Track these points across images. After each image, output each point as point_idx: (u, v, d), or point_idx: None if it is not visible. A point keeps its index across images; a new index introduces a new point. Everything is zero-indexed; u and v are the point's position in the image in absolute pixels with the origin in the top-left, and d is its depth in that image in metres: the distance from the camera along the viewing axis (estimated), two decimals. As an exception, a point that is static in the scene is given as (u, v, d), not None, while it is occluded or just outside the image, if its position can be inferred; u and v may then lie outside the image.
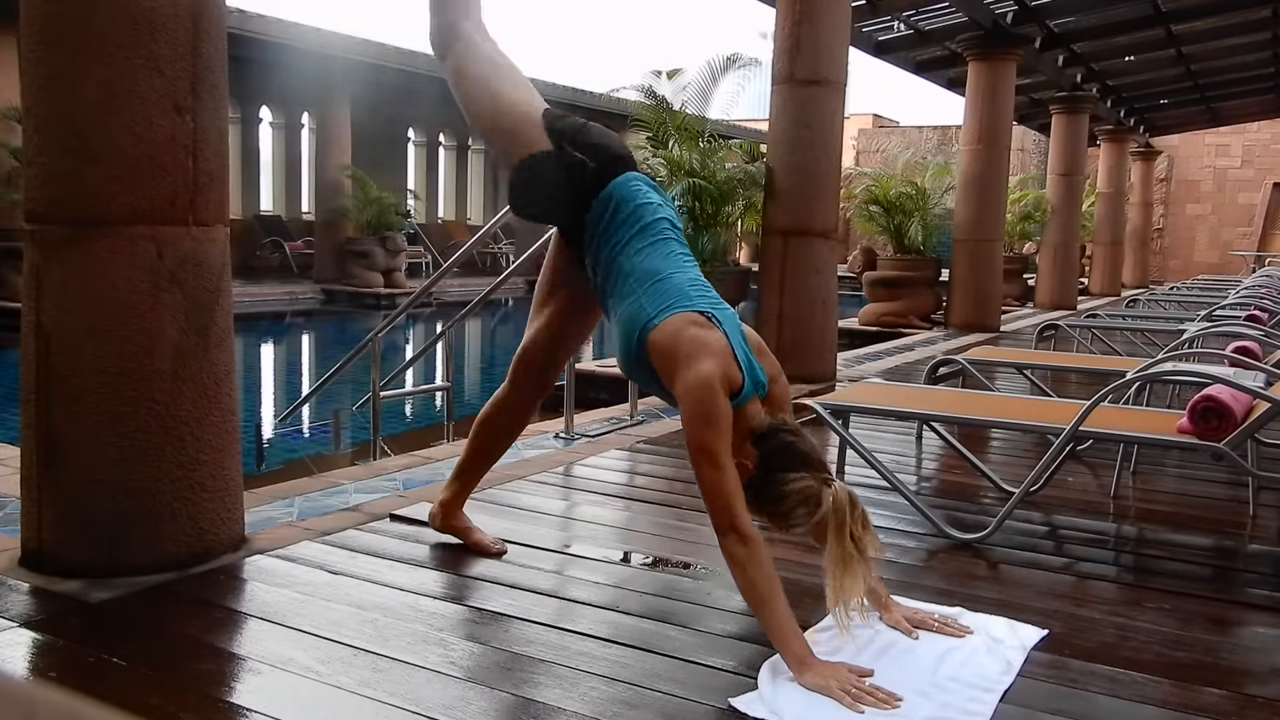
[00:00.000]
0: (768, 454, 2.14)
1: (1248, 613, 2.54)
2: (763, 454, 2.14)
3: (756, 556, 2.08)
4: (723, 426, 2.12)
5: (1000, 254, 10.48)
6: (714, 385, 2.11)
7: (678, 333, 2.20)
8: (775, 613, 2.07)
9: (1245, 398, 2.99)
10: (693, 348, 2.17)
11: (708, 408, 2.11)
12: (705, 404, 2.12)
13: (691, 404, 2.13)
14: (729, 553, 2.11)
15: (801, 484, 2.09)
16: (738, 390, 2.17)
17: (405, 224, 16.26)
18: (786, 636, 2.04)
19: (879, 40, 10.56)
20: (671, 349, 2.20)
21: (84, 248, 2.41)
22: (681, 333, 2.20)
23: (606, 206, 2.39)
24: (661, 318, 2.23)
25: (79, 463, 2.45)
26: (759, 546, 2.10)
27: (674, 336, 2.20)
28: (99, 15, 2.35)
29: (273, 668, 2.01)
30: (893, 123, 26.60)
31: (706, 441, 2.11)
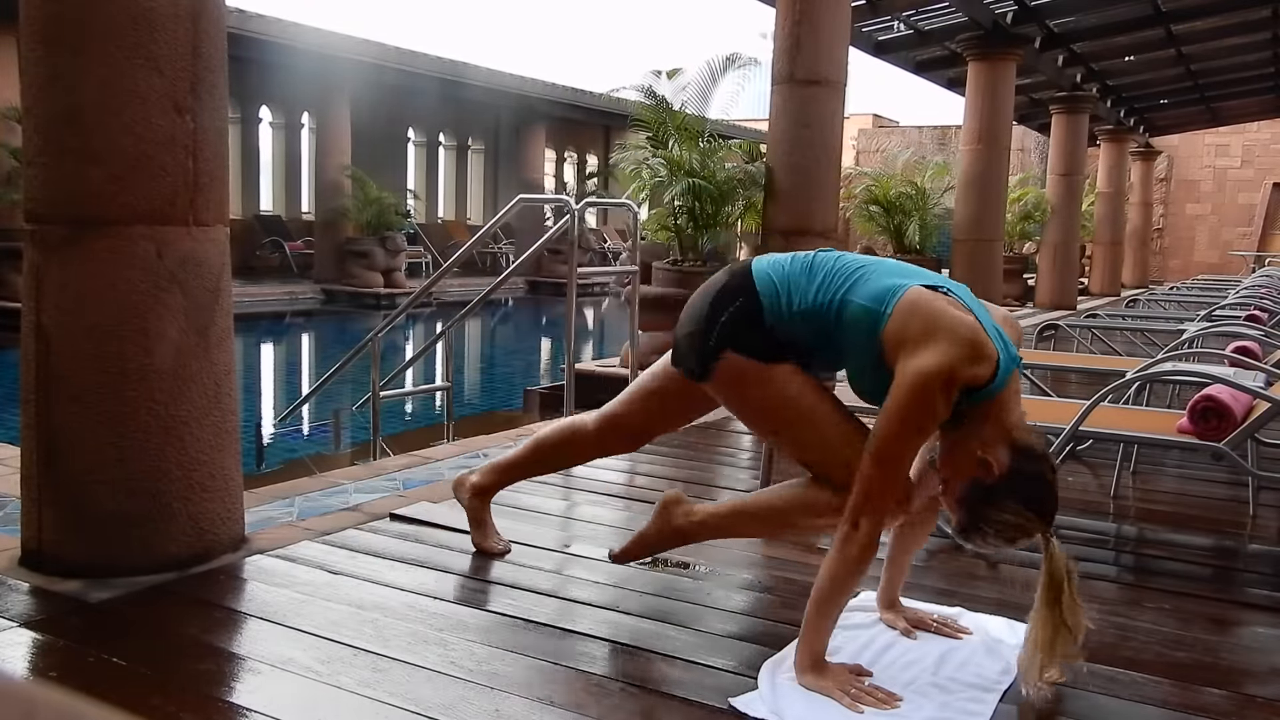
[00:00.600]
0: (1019, 475, 1.92)
1: (1248, 613, 2.54)
2: (1014, 470, 1.92)
3: (864, 563, 1.97)
4: (927, 429, 1.96)
5: (1000, 254, 10.48)
6: (934, 385, 1.87)
7: (912, 310, 1.94)
8: (829, 613, 2.00)
9: (1245, 398, 2.99)
10: (925, 328, 1.91)
11: (927, 405, 1.90)
12: (916, 403, 1.90)
13: (902, 397, 1.91)
14: (844, 541, 1.95)
15: (1025, 523, 1.92)
16: (992, 373, 1.92)
17: (405, 224, 16.26)
18: (819, 635, 2.00)
19: (879, 40, 10.57)
20: (928, 319, 1.93)
21: (84, 248, 2.41)
22: (917, 309, 1.94)
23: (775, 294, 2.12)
24: (892, 303, 1.97)
25: (79, 463, 2.45)
26: (870, 554, 1.98)
27: (930, 304, 1.95)
28: (99, 15, 2.35)
29: (273, 668, 2.01)
30: (893, 123, 26.60)
31: (902, 439, 1.94)
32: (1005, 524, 1.93)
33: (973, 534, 1.99)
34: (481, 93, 17.35)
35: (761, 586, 2.61)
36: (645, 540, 2.46)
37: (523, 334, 15.31)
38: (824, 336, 2.10)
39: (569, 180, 22.46)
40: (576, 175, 22.64)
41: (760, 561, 2.83)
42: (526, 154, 19.78)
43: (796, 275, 2.13)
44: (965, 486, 1.96)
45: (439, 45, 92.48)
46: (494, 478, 2.78)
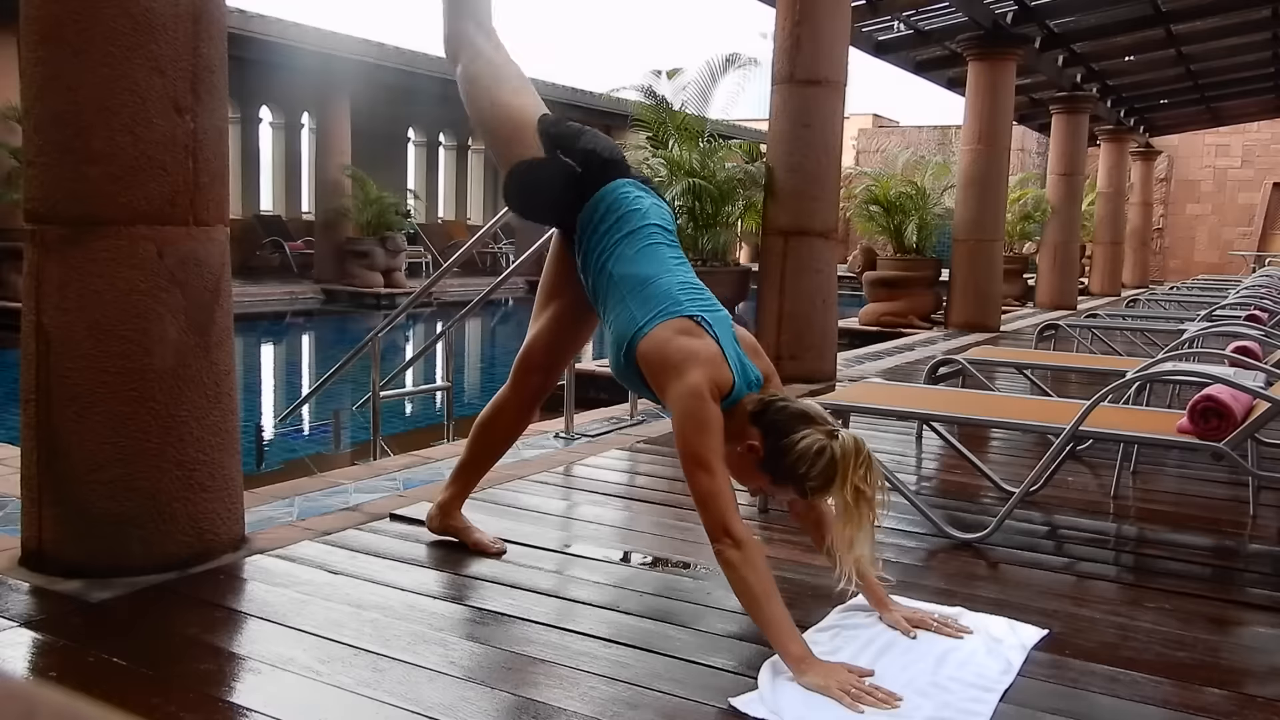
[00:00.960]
0: (768, 426, 2.14)
1: (1248, 613, 2.54)
2: (763, 428, 2.14)
3: (751, 559, 2.08)
4: (713, 433, 2.12)
5: (1000, 254, 10.48)
6: (702, 393, 2.11)
7: (666, 343, 2.21)
8: (773, 615, 2.06)
9: (1245, 398, 2.99)
10: (680, 357, 2.17)
11: (697, 415, 2.12)
12: (694, 412, 2.12)
13: (681, 412, 2.14)
14: (723, 558, 2.10)
15: (807, 439, 2.08)
16: (728, 392, 2.17)
17: (405, 224, 16.26)
18: (784, 638, 2.04)
19: (879, 40, 10.56)
20: (660, 360, 2.21)
21: (84, 248, 2.41)
22: (669, 343, 2.20)
23: (594, 212, 2.41)
24: (650, 327, 2.23)
25: (79, 463, 2.45)
26: (753, 549, 2.10)
27: (663, 347, 2.21)
28: (99, 15, 2.35)
29: (273, 668, 2.01)
30: (893, 123, 26.60)
31: (697, 448, 2.12)
32: (800, 454, 2.08)
33: (807, 491, 2.11)
34: (481, 93, 17.31)
35: (761, 586, 2.60)
36: None
37: (523, 334, 15.19)
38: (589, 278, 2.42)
39: (569, 180, 22.41)
40: (576, 175, 22.59)
41: (760, 561, 2.83)
42: (527, 154, 19.73)
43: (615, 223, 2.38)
44: (760, 475, 2.18)
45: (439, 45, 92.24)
46: (452, 490, 2.83)
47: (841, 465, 2.05)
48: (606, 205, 2.40)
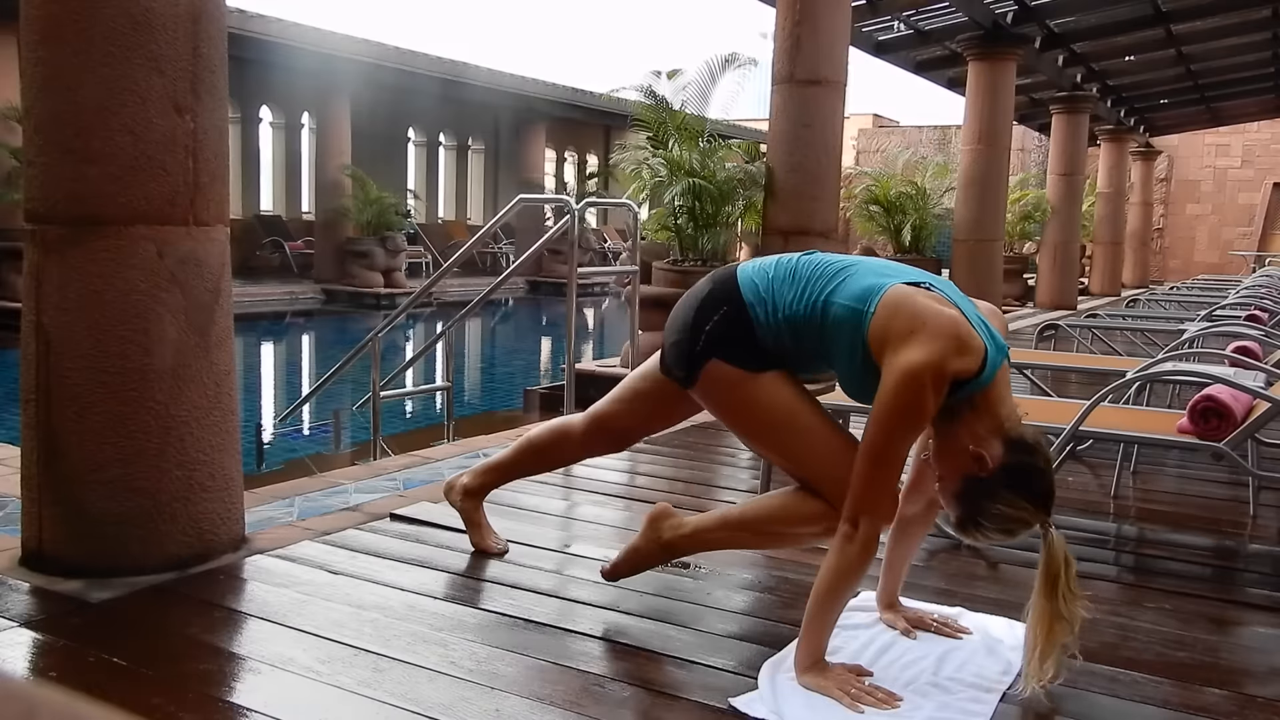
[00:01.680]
0: (1012, 469, 1.92)
1: (1248, 613, 2.54)
2: (1007, 464, 1.92)
3: (863, 562, 1.96)
4: (920, 425, 1.95)
5: (1000, 254, 10.48)
6: (924, 380, 1.86)
7: (896, 306, 1.93)
8: (829, 614, 2.00)
9: (1245, 398, 2.99)
10: (910, 324, 1.90)
11: (914, 403, 1.88)
12: (912, 399, 1.87)
13: (891, 395, 1.89)
14: (843, 540, 1.94)
15: (1023, 514, 1.92)
16: (980, 366, 1.91)
17: (405, 224, 16.27)
18: (819, 636, 1.99)
19: (879, 40, 10.56)
20: (885, 326, 1.93)
21: (84, 248, 2.41)
22: (901, 306, 1.93)
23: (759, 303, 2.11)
24: (875, 301, 1.96)
25: (79, 463, 2.45)
26: (870, 554, 1.97)
27: (895, 310, 1.93)
28: (99, 15, 2.35)
29: (273, 668, 2.01)
30: (893, 123, 26.60)
31: (893, 437, 1.92)
32: (1002, 515, 1.93)
33: (970, 528, 1.98)
34: (481, 93, 17.35)
35: (761, 586, 2.61)
36: (635, 555, 2.44)
37: (523, 334, 15.31)
38: (811, 341, 2.08)
39: (569, 180, 22.46)
40: (576, 175, 22.64)
41: (760, 561, 2.83)
42: (526, 154, 19.78)
43: (780, 281, 2.11)
44: (960, 482, 1.96)
45: (439, 45, 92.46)
46: (484, 479, 2.79)
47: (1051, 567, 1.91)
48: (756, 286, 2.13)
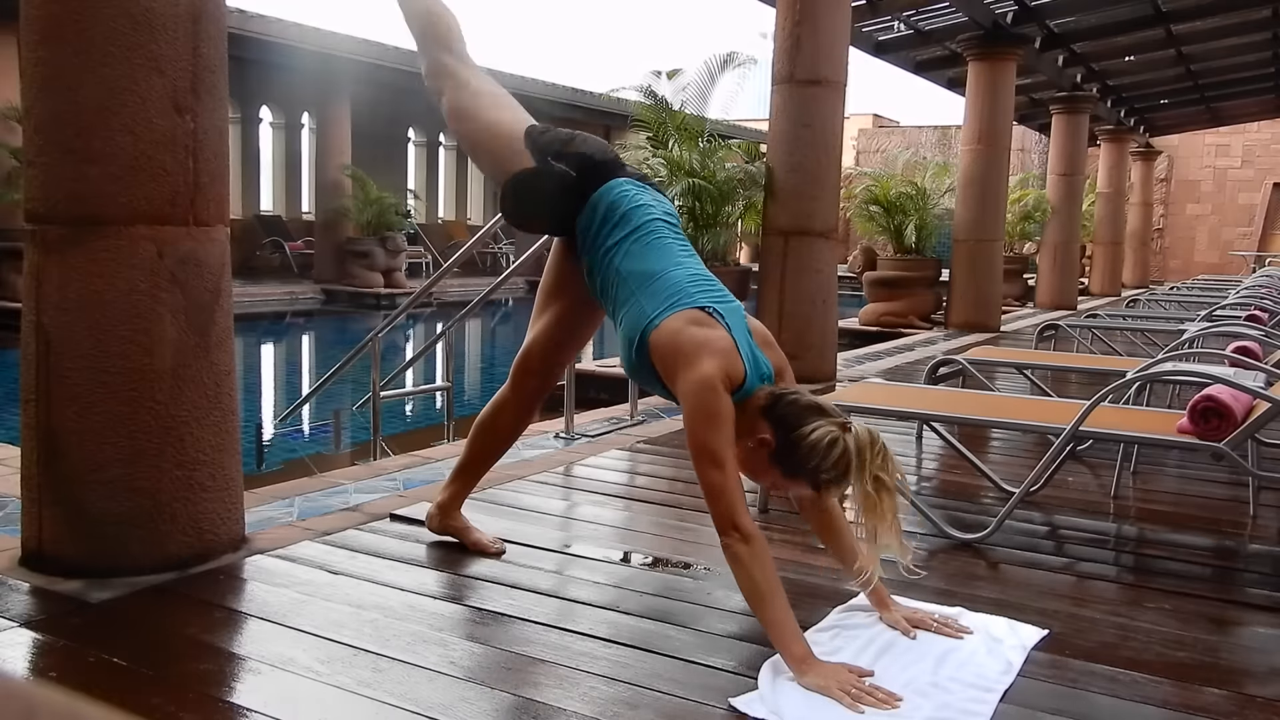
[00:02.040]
0: (779, 419, 2.11)
1: (1248, 613, 2.54)
2: (774, 421, 2.11)
3: (759, 556, 2.08)
4: (724, 425, 2.11)
5: (1000, 254, 10.47)
6: (715, 385, 2.09)
7: (678, 333, 2.18)
8: (776, 613, 2.06)
9: (1245, 398, 2.99)
10: (692, 347, 2.15)
11: (708, 407, 2.10)
12: (706, 404, 2.10)
13: (692, 404, 2.12)
14: (731, 552, 2.09)
15: (819, 431, 2.05)
16: (740, 384, 2.15)
17: (405, 224, 16.26)
18: (787, 637, 2.04)
19: (879, 40, 10.56)
20: (672, 350, 2.18)
21: (84, 248, 2.41)
22: (681, 333, 2.18)
23: (594, 214, 2.40)
24: (661, 318, 2.21)
25: (79, 463, 2.45)
26: (761, 545, 2.09)
27: (674, 337, 2.19)
28: (99, 15, 2.35)
29: (273, 668, 2.01)
30: (893, 123, 26.60)
31: (708, 441, 2.10)
32: (813, 445, 2.05)
33: (819, 479, 2.09)
34: (481, 93, 17.31)
35: (761, 586, 2.60)
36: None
37: (523, 334, 15.20)
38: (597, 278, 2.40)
39: (569, 180, 22.42)
40: (577, 175, 22.60)
41: (760, 561, 2.83)
42: (527, 154, 19.74)
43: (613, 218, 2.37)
44: (771, 467, 2.14)
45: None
46: (452, 488, 2.83)
47: (858, 456, 2.04)
48: (606, 206, 2.40)
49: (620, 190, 2.42)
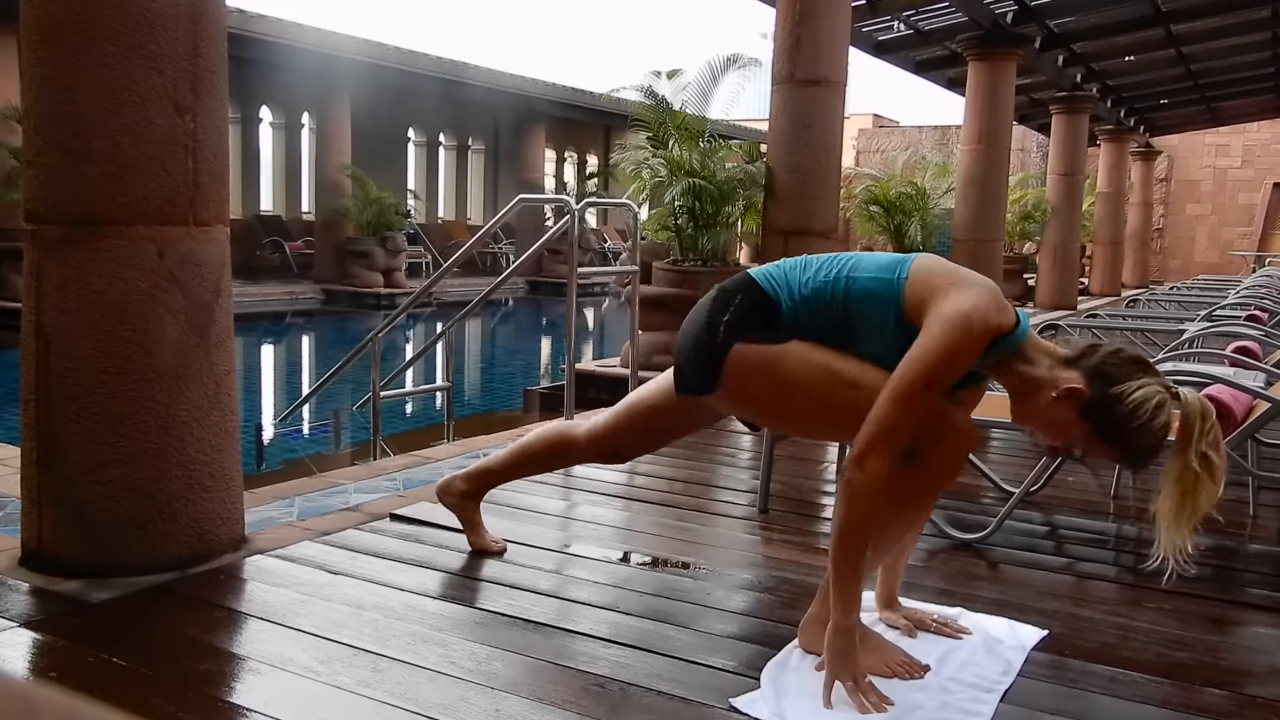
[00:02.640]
0: (1095, 371, 1.89)
1: (1248, 613, 2.54)
2: (1089, 373, 1.90)
3: (873, 509, 1.91)
4: (957, 371, 1.92)
5: (1000, 254, 10.49)
6: (971, 325, 1.87)
7: (932, 266, 1.99)
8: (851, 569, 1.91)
9: (1245, 398, 2.99)
10: (966, 275, 1.96)
11: (955, 346, 1.87)
12: (954, 341, 1.87)
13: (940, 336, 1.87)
14: (849, 486, 1.90)
15: (1146, 389, 1.83)
16: (1009, 329, 1.93)
17: (405, 224, 16.26)
18: (846, 598, 1.91)
19: (879, 40, 10.56)
20: (940, 274, 1.96)
21: (84, 248, 2.41)
22: (936, 264, 1.99)
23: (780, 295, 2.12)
24: (907, 266, 1.99)
25: (79, 463, 2.45)
26: (880, 502, 1.92)
27: (929, 270, 1.98)
28: (99, 15, 2.35)
29: (273, 668, 2.01)
30: (893, 123, 26.59)
31: (931, 378, 1.88)
32: (1139, 406, 1.84)
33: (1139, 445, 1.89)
34: (481, 93, 17.35)
35: (761, 586, 2.61)
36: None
37: (523, 334, 15.32)
38: (832, 320, 2.05)
39: (569, 180, 22.47)
40: (576, 175, 22.65)
41: (760, 561, 2.83)
42: (526, 154, 19.78)
43: (792, 268, 2.13)
44: (1078, 422, 1.92)
45: (439, 45, 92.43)
46: (479, 483, 2.78)
47: (1185, 427, 1.82)
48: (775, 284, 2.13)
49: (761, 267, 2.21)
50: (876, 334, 2.02)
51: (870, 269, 2.04)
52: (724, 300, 2.14)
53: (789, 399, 2.11)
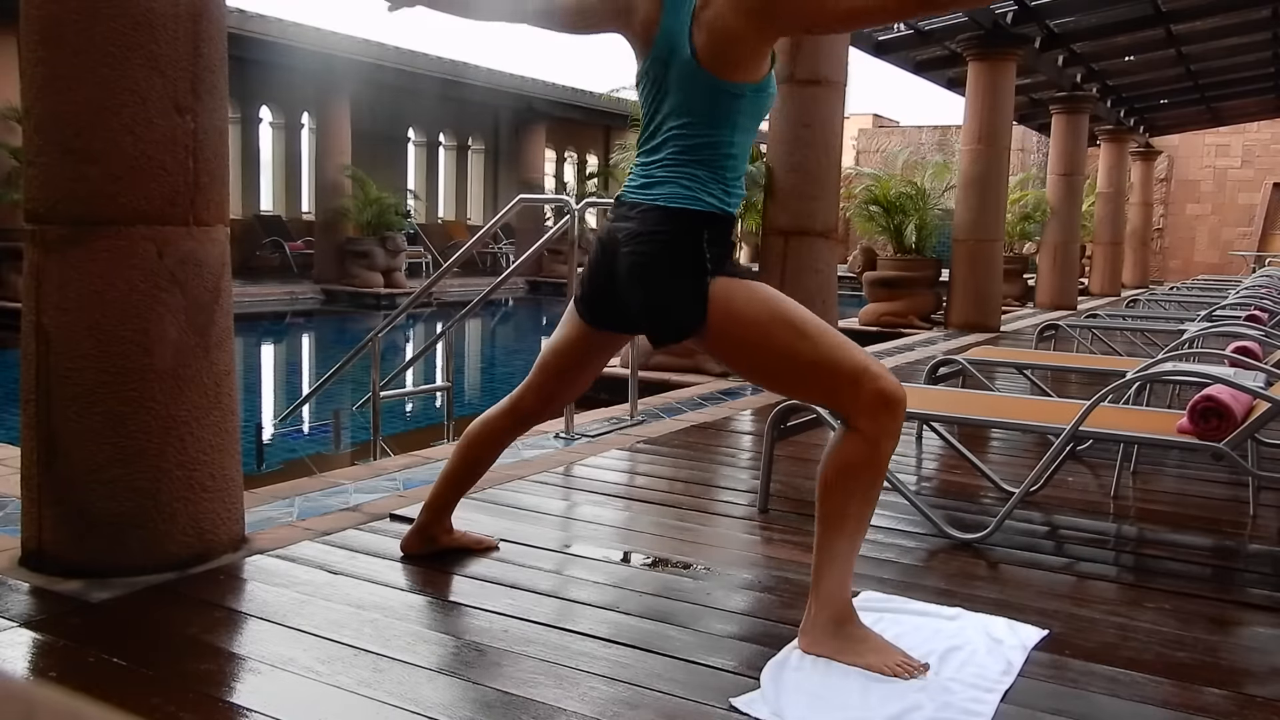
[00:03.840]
0: None
1: (1248, 613, 2.54)
2: None
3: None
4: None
5: (1000, 254, 10.48)
6: None
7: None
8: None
9: (1245, 398, 2.99)
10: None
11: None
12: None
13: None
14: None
15: None
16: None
17: (405, 224, 16.27)
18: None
19: (879, 40, 10.56)
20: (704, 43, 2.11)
21: (84, 248, 2.41)
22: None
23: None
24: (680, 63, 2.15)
25: (79, 463, 2.45)
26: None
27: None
28: (99, 16, 2.35)
29: (273, 668, 2.01)
30: (893, 123, 26.59)
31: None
32: None
33: None
34: (481, 93, 17.35)
35: (761, 586, 2.61)
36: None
37: (523, 334, 15.32)
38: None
39: (569, 180, 22.46)
40: (576, 175, 22.64)
41: (760, 561, 2.83)
42: (526, 154, 19.78)
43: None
44: None
45: (439, 45, 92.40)
46: (432, 514, 2.70)
47: None
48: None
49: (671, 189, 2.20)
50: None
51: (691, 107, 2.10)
52: (694, 238, 2.12)
53: (779, 332, 2.11)
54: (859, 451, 2.07)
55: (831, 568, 2.10)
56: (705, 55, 2.06)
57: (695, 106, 2.11)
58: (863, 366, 2.05)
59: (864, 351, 2.11)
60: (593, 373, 2.58)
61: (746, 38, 2.06)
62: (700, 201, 2.12)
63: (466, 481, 2.73)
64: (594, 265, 2.29)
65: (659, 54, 2.13)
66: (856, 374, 2.05)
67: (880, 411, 2.05)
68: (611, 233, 2.22)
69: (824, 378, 2.09)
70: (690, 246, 2.12)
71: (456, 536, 2.75)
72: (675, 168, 2.13)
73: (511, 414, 2.62)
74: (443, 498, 2.70)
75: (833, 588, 2.10)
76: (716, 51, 2.06)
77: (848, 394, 2.06)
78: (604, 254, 2.25)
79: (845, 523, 2.10)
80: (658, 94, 2.16)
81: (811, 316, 2.13)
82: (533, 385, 2.55)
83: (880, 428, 2.06)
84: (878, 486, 2.14)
